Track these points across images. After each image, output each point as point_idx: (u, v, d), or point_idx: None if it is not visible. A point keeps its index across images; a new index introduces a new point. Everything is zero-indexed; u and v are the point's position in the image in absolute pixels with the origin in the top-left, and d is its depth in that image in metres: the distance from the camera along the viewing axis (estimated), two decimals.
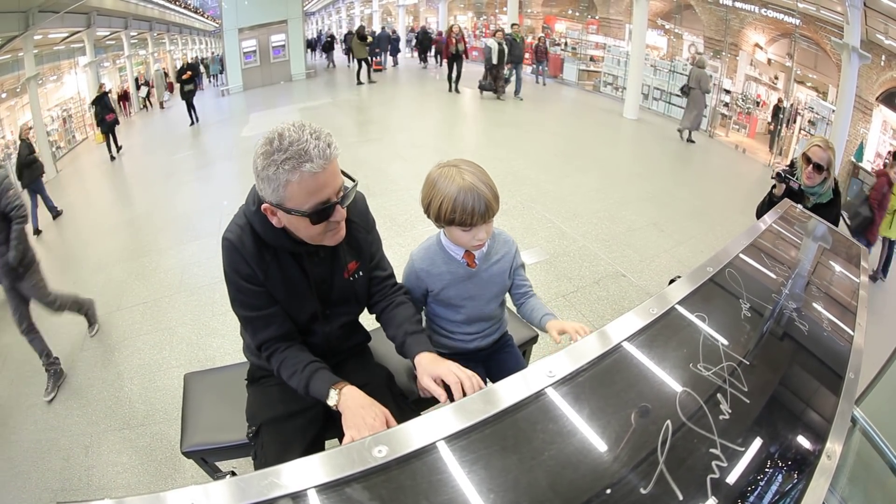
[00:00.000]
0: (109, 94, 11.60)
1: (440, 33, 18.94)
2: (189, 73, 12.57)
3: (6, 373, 3.98)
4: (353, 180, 1.54)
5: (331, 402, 1.50)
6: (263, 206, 1.41)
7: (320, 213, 1.40)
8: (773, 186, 3.22)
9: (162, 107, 16.71)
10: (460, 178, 1.57)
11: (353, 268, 1.70)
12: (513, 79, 12.51)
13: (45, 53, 11.03)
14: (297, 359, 1.60)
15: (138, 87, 16.04)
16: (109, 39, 14.18)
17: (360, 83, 14.64)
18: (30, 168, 7.38)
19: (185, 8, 19.77)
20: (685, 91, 9.59)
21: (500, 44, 11.40)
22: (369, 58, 14.87)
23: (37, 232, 7.04)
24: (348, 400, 1.48)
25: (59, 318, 4.58)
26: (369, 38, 14.56)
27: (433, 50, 18.15)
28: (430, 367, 1.53)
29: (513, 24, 13.47)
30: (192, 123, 12.42)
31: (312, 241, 1.50)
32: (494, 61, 11.61)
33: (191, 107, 12.55)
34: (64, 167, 10.86)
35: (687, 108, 9.72)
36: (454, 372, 1.48)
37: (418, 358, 1.60)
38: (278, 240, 1.50)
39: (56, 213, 7.75)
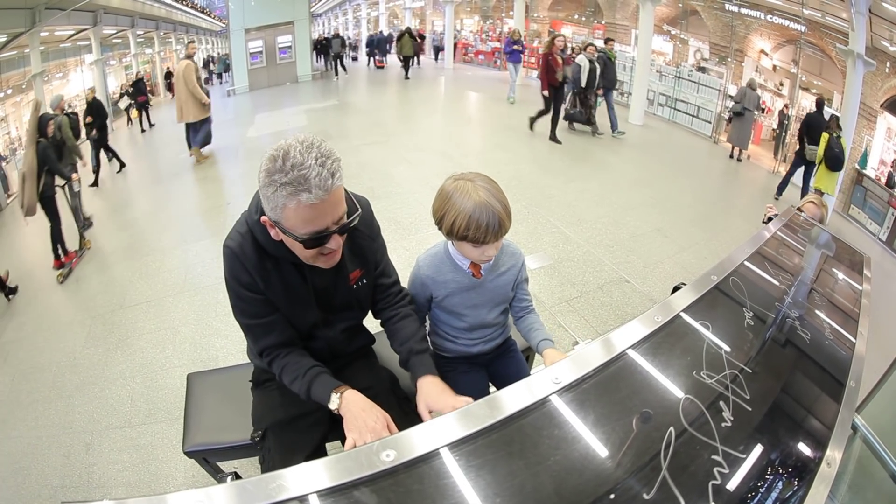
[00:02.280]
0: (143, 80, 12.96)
1: (420, 33, 19.35)
2: (90, 117, 8.89)
3: (7, 369, 3.99)
4: (358, 208, 1.51)
5: (332, 405, 1.51)
6: (263, 217, 1.40)
7: (314, 241, 1.39)
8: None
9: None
10: (476, 195, 1.55)
11: (357, 276, 1.70)
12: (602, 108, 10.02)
13: (51, 51, 11.03)
14: (297, 364, 1.60)
15: (120, 97, 12.95)
16: (116, 38, 14.20)
17: (407, 77, 15.86)
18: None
19: (191, 7, 19.80)
20: (739, 113, 9.51)
21: (591, 61, 9.10)
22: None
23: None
24: (350, 404, 1.49)
25: (61, 317, 4.62)
26: (417, 38, 16.10)
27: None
28: (430, 399, 1.54)
29: (607, 40, 10.74)
30: (94, 183, 8.33)
31: (306, 261, 1.50)
32: (584, 83, 9.22)
33: (100, 157, 8.74)
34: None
35: (741, 129, 9.69)
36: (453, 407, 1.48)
37: (420, 382, 1.61)
38: (279, 250, 1.49)
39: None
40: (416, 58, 17.08)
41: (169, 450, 2.95)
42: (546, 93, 8.72)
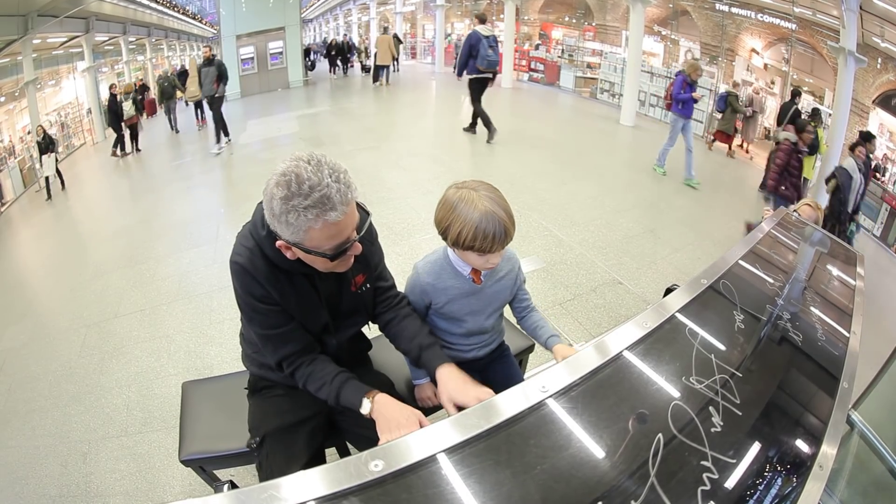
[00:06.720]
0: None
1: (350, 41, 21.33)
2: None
3: (4, 378, 3.98)
4: (367, 213, 1.55)
5: (364, 410, 1.53)
6: (278, 242, 1.41)
7: (340, 253, 1.42)
8: None
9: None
10: (481, 204, 1.55)
11: (361, 281, 1.71)
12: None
13: (43, 58, 11.02)
14: (323, 371, 1.61)
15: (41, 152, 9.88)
16: (108, 45, 14.19)
17: (395, 70, 18.25)
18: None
19: (183, 14, 19.78)
20: (750, 116, 10.54)
21: (857, 164, 6.04)
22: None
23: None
24: (382, 407, 1.51)
25: (56, 326, 4.60)
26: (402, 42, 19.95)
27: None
28: (455, 392, 1.55)
29: (868, 137, 6.63)
30: None
31: (324, 270, 1.51)
32: (852, 205, 6.14)
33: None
34: (62, 172, 10.83)
35: (750, 129, 10.78)
36: (478, 399, 1.48)
37: (439, 373, 1.63)
38: (290, 264, 1.50)
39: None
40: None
41: (165, 458, 2.94)
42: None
